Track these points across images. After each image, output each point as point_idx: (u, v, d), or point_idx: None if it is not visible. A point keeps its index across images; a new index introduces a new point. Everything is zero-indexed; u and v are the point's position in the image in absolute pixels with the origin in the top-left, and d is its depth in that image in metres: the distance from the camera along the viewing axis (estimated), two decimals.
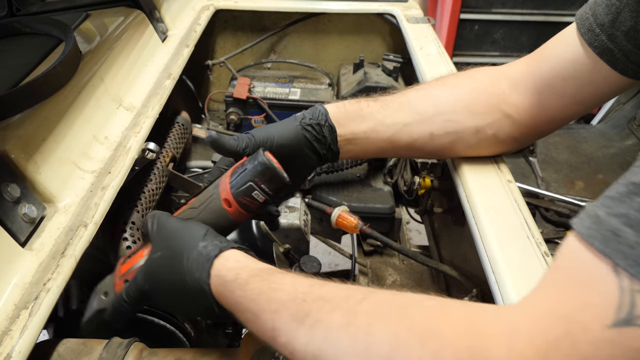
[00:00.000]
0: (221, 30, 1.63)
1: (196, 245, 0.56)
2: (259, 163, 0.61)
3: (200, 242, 0.56)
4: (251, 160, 0.62)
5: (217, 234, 0.59)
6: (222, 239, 0.59)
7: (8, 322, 0.52)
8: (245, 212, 0.63)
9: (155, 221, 0.62)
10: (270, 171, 0.61)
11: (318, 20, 1.60)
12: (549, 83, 0.67)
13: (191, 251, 0.56)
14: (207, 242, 0.56)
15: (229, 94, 1.41)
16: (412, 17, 1.43)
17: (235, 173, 0.63)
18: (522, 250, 0.68)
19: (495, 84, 0.72)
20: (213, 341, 1.06)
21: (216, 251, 0.55)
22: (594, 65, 0.61)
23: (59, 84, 0.74)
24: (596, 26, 0.59)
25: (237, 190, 0.61)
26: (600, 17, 0.59)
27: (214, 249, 0.55)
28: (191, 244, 0.56)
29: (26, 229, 0.61)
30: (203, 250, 0.55)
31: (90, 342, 0.61)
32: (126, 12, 1.07)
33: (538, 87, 0.68)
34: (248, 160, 0.63)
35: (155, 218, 0.62)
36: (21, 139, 0.65)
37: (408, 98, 0.73)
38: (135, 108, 0.91)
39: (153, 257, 0.59)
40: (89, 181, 0.73)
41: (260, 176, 0.61)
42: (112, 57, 0.93)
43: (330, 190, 1.16)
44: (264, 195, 0.62)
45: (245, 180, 0.61)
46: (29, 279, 0.57)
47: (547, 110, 0.69)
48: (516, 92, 0.70)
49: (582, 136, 2.86)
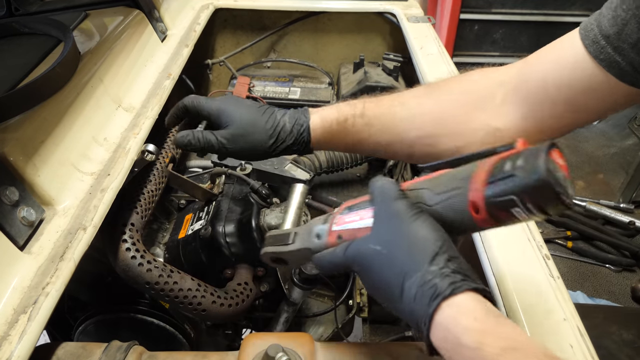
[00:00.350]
0: (221, 29, 1.63)
1: (422, 267, 0.46)
2: (536, 179, 0.42)
3: (429, 262, 0.46)
4: (527, 164, 0.43)
5: (452, 248, 0.48)
6: (457, 265, 0.46)
7: (7, 327, 0.51)
8: (497, 223, 0.47)
9: (380, 192, 0.52)
10: (549, 193, 0.42)
11: (318, 19, 1.59)
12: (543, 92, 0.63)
13: (415, 271, 0.46)
14: (438, 267, 0.45)
15: (228, 93, 1.41)
16: (412, 16, 1.43)
17: (497, 172, 0.45)
18: (522, 253, 0.68)
19: (488, 97, 0.68)
20: (213, 342, 1.06)
21: (447, 292, 0.44)
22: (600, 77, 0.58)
23: (58, 85, 0.73)
24: (601, 38, 0.57)
25: (492, 200, 0.45)
26: (605, 28, 0.57)
27: (443, 286, 0.44)
28: (418, 260, 0.46)
29: (25, 233, 0.61)
30: (430, 280, 0.45)
31: (90, 345, 0.61)
32: (125, 12, 1.06)
33: (531, 96, 0.65)
34: (521, 160, 0.44)
35: (381, 187, 0.52)
36: (20, 141, 0.65)
37: (393, 117, 0.71)
38: (135, 109, 0.91)
39: (370, 246, 0.50)
40: (88, 183, 0.72)
41: (531, 194, 0.43)
42: (111, 57, 0.92)
43: (331, 190, 1.16)
44: (527, 214, 0.45)
45: (506, 191, 0.44)
46: (27, 282, 0.57)
47: (538, 121, 0.66)
48: (509, 102, 0.67)
49: (582, 135, 2.87)
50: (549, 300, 0.61)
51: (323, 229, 0.57)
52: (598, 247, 2.06)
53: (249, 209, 0.95)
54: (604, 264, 2.01)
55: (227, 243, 0.92)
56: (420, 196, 0.51)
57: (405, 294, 0.46)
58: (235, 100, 0.73)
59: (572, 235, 2.10)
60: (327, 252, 0.56)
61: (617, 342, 0.96)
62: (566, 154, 0.46)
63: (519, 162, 0.44)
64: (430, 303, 0.44)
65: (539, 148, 0.44)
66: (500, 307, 0.62)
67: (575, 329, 0.58)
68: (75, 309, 0.97)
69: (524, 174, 0.43)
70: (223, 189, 1.04)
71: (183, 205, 1.11)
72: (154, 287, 0.78)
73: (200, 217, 1.00)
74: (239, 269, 0.94)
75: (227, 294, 0.86)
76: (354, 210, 0.55)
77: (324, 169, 1.17)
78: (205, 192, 1.03)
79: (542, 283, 0.63)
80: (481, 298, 0.45)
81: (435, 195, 0.50)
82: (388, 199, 0.51)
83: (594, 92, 0.60)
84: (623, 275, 1.98)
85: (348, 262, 0.52)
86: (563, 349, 0.56)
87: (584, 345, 0.56)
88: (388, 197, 0.51)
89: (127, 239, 0.79)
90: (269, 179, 1.02)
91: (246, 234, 0.92)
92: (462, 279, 0.45)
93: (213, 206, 1.00)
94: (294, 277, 0.87)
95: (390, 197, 0.51)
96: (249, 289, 0.90)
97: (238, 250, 0.93)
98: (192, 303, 0.81)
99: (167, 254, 0.99)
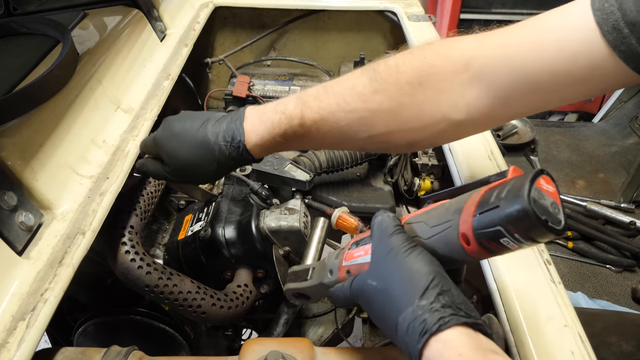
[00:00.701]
0: (220, 28, 1.62)
1: (413, 301, 0.46)
2: (517, 210, 0.42)
3: (419, 297, 0.46)
4: (509, 195, 0.44)
5: (445, 281, 0.48)
6: (448, 299, 0.46)
7: (5, 334, 0.51)
8: (489, 254, 0.48)
9: (378, 227, 0.53)
10: (532, 222, 0.42)
11: (318, 17, 1.58)
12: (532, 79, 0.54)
13: (407, 306, 0.46)
14: (428, 302, 0.45)
15: (228, 92, 1.40)
16: (413, 14, 1.42)
17: (484, 204, 0.46)
18: (524, 258, 0.67)
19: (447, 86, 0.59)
20: (213, 343, 1.06)
21: (434, 328, 0.44)
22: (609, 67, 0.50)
23: (56, 87, 0.73)
24: (624, 25, 0.47)
25: (481, 232, 0.46)
26: (631, 13, 0.47)
27: (432, 321, 0.44)
28: (410, 294, 0.46)
29: (23, 238, 0.60)
30: (420, 315, 0.45)
31: (89, 350, 0.61)
32: (124, 11, 1.05)
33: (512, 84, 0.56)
34: (506, 191, 0.45)
35: (379, 223, 0.53)
36: (17, 145, 0.64)
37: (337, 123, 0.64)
38: (134, 110, 0.90)
39: (368, 282, 0.52)
40: (87, 187, 0.72)
41: (515, 224, 0.43)
42: (110, 57, 0.92)
43: (330, 190, 1.16)
44: (517, 243, 0.45)
45: (493, 222, 0.45)
46: (26, 288, 0.56)
47: (511, 108, 0.58)
48: (477, 85, 0.57)
49: (583, 134, 2.86)
50: (550, 306, 0.61)
51: (335, 265, 0.59)
52: (598, 248, 2.06)
53: (248, 210, 0.95)
54: (604, 264, 2.01)
55: (226, 244, 0.92)
56: (416, 230, 0.53)
57: (399, 328, 0.47)
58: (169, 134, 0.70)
59: (572, 236, 2.10)
60: (338, 287, 0.57)
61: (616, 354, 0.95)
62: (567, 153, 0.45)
63: (503, 193, 0.44)
64: (419, 339, 0.44)
65: (526, 176, 0.44)
66: (500, 313, 0.61)
67: (577, 336, 0.58)
68: (74, 311, 0.97)
69: (506, 204, 0.43)
70: (223, 190, 1.04)
71: (182, 206, 1.10)
72: (154, 289, 0.78)
73: (200, 218, 0.99)
74: (238, 270, 0.93)
75: (226, 296, 0.86)
76: (360, 245, 0.57)
77: (324, 169, 1.16)
78: (205, 193, 1.02)
79: (543, 289, 0.63)
80: (472, 332, 0.44)
81: (430, 229, 0.51)
82: (385, 234, 0.52)
83: (593, 80, 0.53)
84: (623, 275, 1.98)
85: (354, 297, 0.54)
86: (564, 355, 0.56)
87: (585, 352, 0.56)
88: (385, 233, 0.52)
89: (126, 242, 0.79)
90: (269, 180, 1.01)
91: (246, 235, 0.92)
92: (452, 314, 0.44)
93: (213, 207, 0.99)
94: None
95: (386, 233, 0.52)
96: (249, 290, 0.90)
97: (238, 252, 0.92)
98: (191, 305, 0.81)
99: (166, 255, 0.99)
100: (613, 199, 2.27)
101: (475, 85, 0.57)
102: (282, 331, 0.97)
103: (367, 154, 1.23)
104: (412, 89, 0.60)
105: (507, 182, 0.46)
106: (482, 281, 0.68)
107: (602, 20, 0.49)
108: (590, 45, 0.50)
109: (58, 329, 1.03)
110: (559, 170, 2.48)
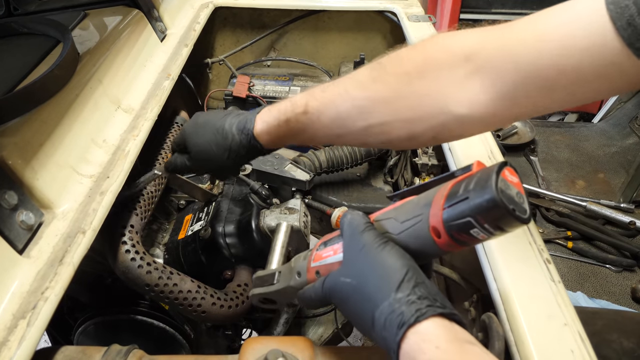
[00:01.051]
0: (220, 28, 1.62)
1: (389, 295, 0.46)
2: (487, 200, 0.43)
3: (395, 291, 0.46)
4: (477, 186, 0.45)
5: (419, 274, 0.48)
6: (424, 291, 0.46)
7: (6, 333, 0.51)
8: (459, 245, 0.49)
9: (348, 225, 0.53)
10: (501, 211, 0.43)
11: (318, 18, 1.58)
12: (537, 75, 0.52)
13: (383, 300, 0.46)
14: (404, 294, 0.46)
15: (228, 93, 1.40)
16: (413, 15, 1.42)
17: (453, 196, 0.46)
18: (523, 257, 0.68)
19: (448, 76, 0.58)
20: (213, 342, 1.06)
21: (411, 319, 0.44)
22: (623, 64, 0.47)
23: (57, 87, 0.73)
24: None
25: (451, 224, 0.46)
26: None
27: (409, 313, 0.44)
28: (385, 289, 0.47)
29: (24, 237, 0.60)
30: (397, 308, 0.45)
31: (89, 349, 0.61)
32: (124, 12, 1.06)
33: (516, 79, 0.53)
34: (473, 182, 0.45)
35: (350, 221, 0.54)
36: (18, 144, 0.64)
37: (337, 110, 0.65)
38: (134, 110, 0.90)
39: (341, 279, 0.52)
40: (88, 186, 0.72)
41: (484, 214, 0.44)
42: (110, 57, 0.92)
43: (330, 189, 1.16)
44: (486, 234, 0.46)
45: (463, 214, 0.45)
46: (27, 287, 0.56)
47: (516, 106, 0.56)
48: (479, 79, 0.55)
49: (583, 135, 2.86)
50: (549, 305, 0.61)
51: (303, 266, 0.60)
52: (598, 247, 2.06)
53: (248, 209, 0.95)
54: (604, 264, 2.01)
55: (226, 244, 0.92)
56: (386, 226, 0.53)
57: (376, 323, 0.47)
58: (194, 124, 0.78)
59: (572, 236, 2.10)
60: (308, 288, 0.58)
61: (617, 351, 0.95)
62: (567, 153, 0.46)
63: (471, 185, 0.45)
64: (397, 332, 0.44)
65: (490, 169, 0.45)
66: (500, 312, 0.61)
67: (576, 334, 0.58)
68: (74, 310, 0.97)
69: (475, 195, 0.44)
70: (223, 189, 1.04)
71: (183, 206, 1.10)
72: (154, 289, 0.78)
73: (200, 218, 0.99)
74: (238, 270, 0.94)
75: (227, 296, 0.86)
76: (328, 245, 0.57)
77: (324, 169, 1.16)
78: (205, 193, 1.02)
79: (543, 288, 0.63)
80: (448, 323, 0.45)
81: (400, 224, 0.52)
82: (355, 232, 0.52)
83: (606, 79, 0.50)
84: (623, 275, 1.98)
85: (326, 296, 0.54)
86: (564, 354, 0.56)
87: (585, 350, 0.56)
88: (355, 230, 0.52)
89: (126, 241, 0.79)
90: (269, 180, 1.01)
91: (246, 235, 0.92)
92: (428, 305, 0.45)
93: (213, 207, 0.99)
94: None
95: (357, 230, 0.52)
96: (249, 290, 0.90)
97: (238, 252, 0.92)
98: (192, 305, 0.81)
99: (166, 255, 0.99)
100: (613, 199, 2.27)
101: (477, 78, 0.56)
102: (282, 331, 0.97)
103: (368, 154, 1.23)
104: (411, 79, 0.60)
105: (474, 174, 0.47)
106: (482, 281, 0.68)
107: (617, 15, 0.45)
108: (603, 41, 0.47)
109: (58, 328, 1.03)
110: (559, 170, 2.48)
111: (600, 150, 2.63)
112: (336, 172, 1.19)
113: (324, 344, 1.16)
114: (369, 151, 1.24)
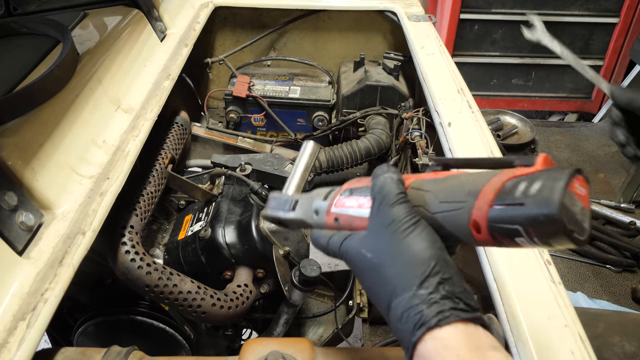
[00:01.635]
0: (220, 28, 1.62)
1: (410, 288, 0.43)
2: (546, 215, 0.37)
3: (418, 285, 0.43)
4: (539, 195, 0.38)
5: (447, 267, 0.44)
6: (449, 289, 0.43)
7: (6, 334, 0.51)
8: (497, 245, 0.44)
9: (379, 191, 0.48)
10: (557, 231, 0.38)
11: (318, 17, 1.58)
12: None
13: (403, 291, 0.43)
14: (427, 291, 0.42)
15: (228, 92, 1.40)
16: (413, 14, 1.42)
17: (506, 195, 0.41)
18: (524, 258, 0.67)
19: None
20: (213, 343, 1.06)
21: (432, 322, 0.41)
22: None
23: (57, 87, 0.73)
24: None
25: (497, 226, 0.41)
26: None
27: (430, 314, 0.41)
28: (408, 279, 0.43)
29: (24, 237, 0.60)
30: (417, 305, 0.42)
31: (89, 350, 0.61)
32: (124, 11, 1.05)
33: None
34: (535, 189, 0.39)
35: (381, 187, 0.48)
36: (18, 145, 0.64)
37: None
38: (134, 110, 0.90)
39: (362, 251, 0.48)
40: (87, 187, 0.72)
41: (537, 228, 0.39)
42: (110, 57, 0.92)
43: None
44: (531, 244, 0.41)
45: (513, 220, 0.40)
46: (26, 288, 0.56)
47: None
48: None
49: (583, 134, 2.86)
50: (550, 306, 0.61)
51: (322, 207, 0.55)
52: (598, 248, 2.06)
53: (248, 210, 0.95)
54: (604, 264, 2.01)
55: (226, 244, 0.92)
56: (423, 200, 0.47)
57: (392, 312, 0.44)
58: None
59: None
60: (324, 236, 0.54)
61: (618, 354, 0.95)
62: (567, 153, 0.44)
63: (532, 190, 0.39)
64: (414, 331, 0.41)
65: (560, 175, 0.38)
66: (500, 313, 0.61)
67: (577, 336, 0.58)
68: (74, 310, 0.97)
69: (533, 205, 0.38)
70: (223, 189, 1.04)
71: (183, 206, 1.10)
72: (154, 289, 0.78)
73: (200, 218, 0.99)
74: (238, 270, 0.93)
75: (226, 296, 0.86)
76: (354, 194, 0.52)
77: (324, 169, 1.16)
78: (205, 193, 1.02)
79: (543, 289, 0.63)
80: (471, 329, 0.41)
81: (438, 204, 0.46)
82: (385, 202, 0.48)
83: None
84: (623, 275, 1.98)
85: (342, 256, 0.51)
86: (564, 355, 0.56)
87: (585, 352, 0.56)
88: (387, 200, 0.48)
89: (126, 242, 0.79)
90: (269, 180, 1.01)
91: (246, 235, 0.92)
92: (452, 307, 0.42)
93: (213, 207, 0.99)
94: (294, 279, 0.87)
95: (388, 201, 0.47)
96: (249, 290, 0.90)
97: (238, 252, 0.92)
98: (191, 305, 0.81)
99: (166, 255, 0.99)
100: (613, 199, 2.27)
101: None
102: (282, 331, 0.97)
103: (368, 154, 1.23)
104: None
105: (537, 175, 0.40)
106: (482, 282, 0.68)
107: None
108: None
109: (58, 329, 1.02)
110: None
111: (601, 150, 2.63)
112: (336, 172, 1.19)
113: (324, 344, 1.15)
114: (369, 151, 1.24)
